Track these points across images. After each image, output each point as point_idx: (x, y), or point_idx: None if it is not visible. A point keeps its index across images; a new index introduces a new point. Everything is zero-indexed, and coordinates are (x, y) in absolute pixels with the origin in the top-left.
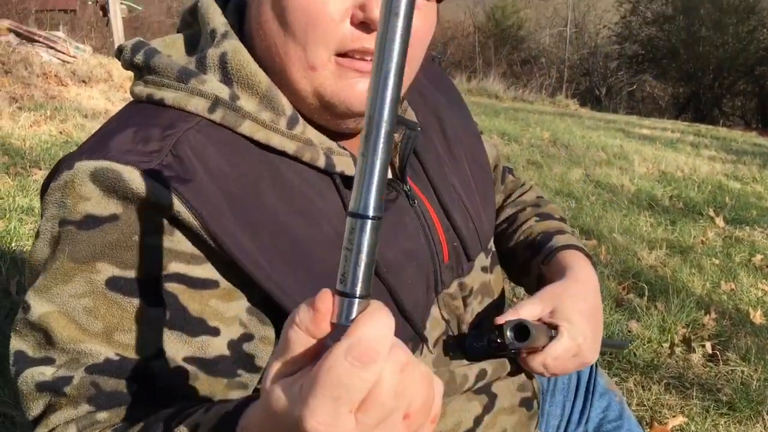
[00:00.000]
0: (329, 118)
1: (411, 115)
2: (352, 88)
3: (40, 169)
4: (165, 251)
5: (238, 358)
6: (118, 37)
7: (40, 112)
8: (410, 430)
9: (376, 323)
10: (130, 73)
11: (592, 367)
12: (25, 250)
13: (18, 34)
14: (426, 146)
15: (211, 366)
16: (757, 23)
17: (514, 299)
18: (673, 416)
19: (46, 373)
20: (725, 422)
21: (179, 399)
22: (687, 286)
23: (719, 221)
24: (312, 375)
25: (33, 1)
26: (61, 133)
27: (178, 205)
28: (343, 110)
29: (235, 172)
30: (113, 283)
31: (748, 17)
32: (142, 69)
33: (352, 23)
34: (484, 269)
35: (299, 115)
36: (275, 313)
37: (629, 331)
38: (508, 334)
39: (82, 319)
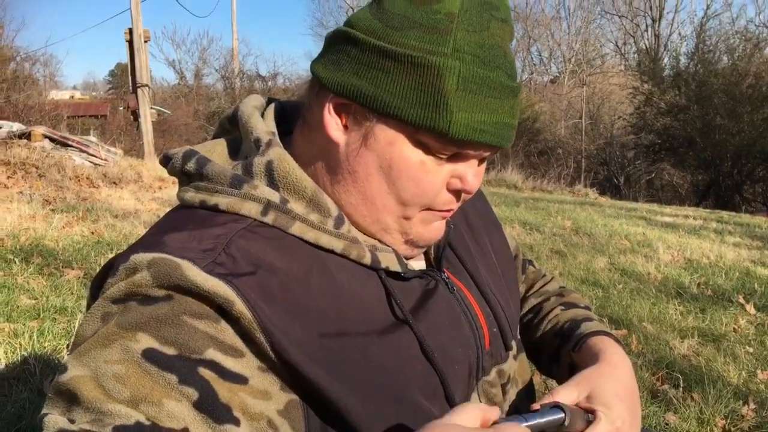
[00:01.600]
0: (402, 247)
1: None
2: (431, 231)
3: (73, 269)
4: (206, 336)
5: None
6: (148, 140)
7: (72, 214)
8: None
9: None
10: (160, 175)
11: None
12: (57, 349)
13: (52, 140)
14: (457, 237)
15: None
16: None
17: (546, 391)
18: None
19: (70, 427)
20: None
21: None
22: (722, 375)
23: (750, 308)
24: None
25: (66, 108)
26: (92, 233)
27: (232, 297)
28: (421, 245)
29: (285, 267)
30: (149, 355)
31: (762, 105)
32: (192, 176)
33: (448, 189)
34: (513, 357)
35: (344, 216)
36: (316, 408)
37: (666, 424)
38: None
39: (110, 384)
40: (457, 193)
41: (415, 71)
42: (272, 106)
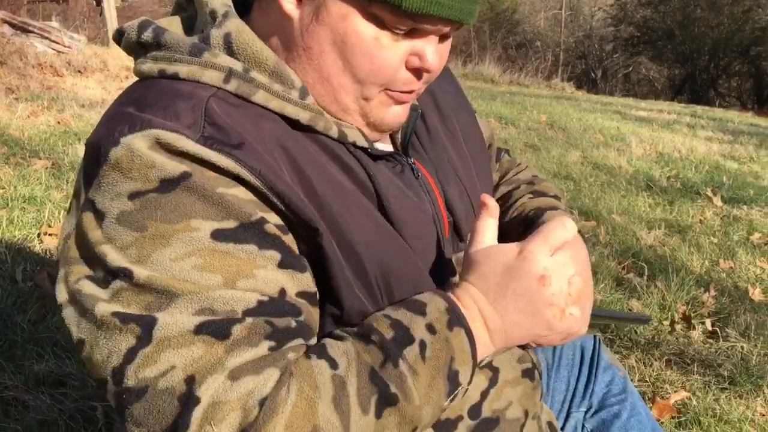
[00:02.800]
0: (365, 129)
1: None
2: (391, 113)
3: (40, 159)
4: (246, 201)
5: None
6: (112, 26)
7: (37, 103)
8: (566, 291)
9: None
10: (127, 64)
11: (595, 342)
12: (28, 238)
13: (12, 25)
14: (424, 124)
15: (313, 299)
16: (752, 3)
17: None
18: (675, 391)
19: (198, 318)
20: (726, 396)
21: (312, 330)
22: (686, 264)
23: (717, 201)
24: None
25: None
26: (59, 123)
27: (237, 168)
28: (382, 129)
29: (264, 135)
30: (219, 235)
31: None
32: (149, 47)
33: (407, 67)
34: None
35: (307, 89)
36: (321, 272)
37: (630, 309)
38: None
39: (195, 277)
40: (417, 72)
41: None
42: None
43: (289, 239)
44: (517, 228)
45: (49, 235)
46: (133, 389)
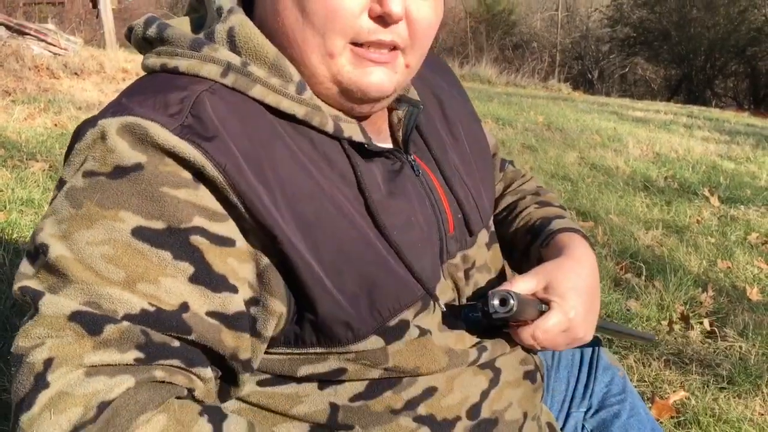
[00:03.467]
0: (345, 102)
1: (414, 95)
2: (368, 76)
3: (37, 161)
4: (189, 205)
5: (249, 318)
6: (109, 28)
7: (33, 105)
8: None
9: None
10: (123, 66)
11: (595, 343)
12: (27, 240)
13: (8, 27)
14: (428, 124)
15: (232, 321)
16: (748, 3)
17: None
18: (674, 391)
19: (78, 306)
20: (725, 396)
21: (209, 354)
22: (684, 264)
23: (714, 201)
24: None
25: None
26: (56, 125)
27: (202, 161)
28: (360, 96)
29: (248, 132)
30: (139, 233)
31: None
32: (154, 42)
33: (370, 16)
34: (486, 245)
35: (307, 84)
36: (289, 277)
37: (628, 310)
38: (494, 302)
39: (100, 266)
40: (381, 21)
41: None
42: None
43: (223, 252)
44: (524, 237)
45: None
46: (14, 355)
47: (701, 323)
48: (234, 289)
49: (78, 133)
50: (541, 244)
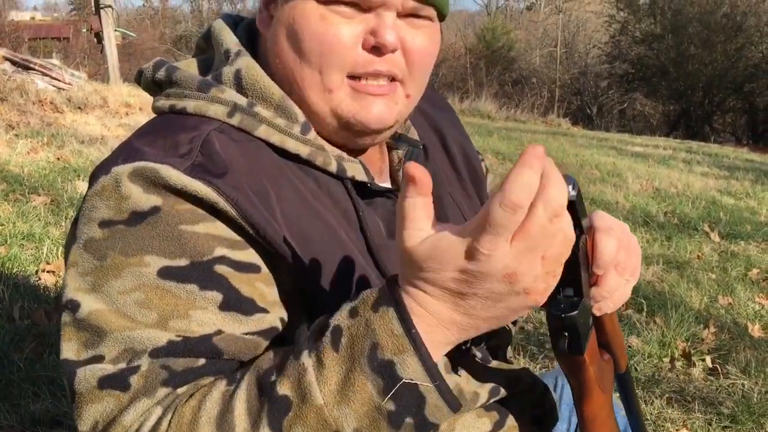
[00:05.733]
0: (347, 136)
1: (414, 134)
2: (368, 109)
3: (39, 195)
4: (209, 237)
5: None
6: (113, 64)
7: (36, 139)
8: (542, 271)
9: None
10: (126, 100)
11: None
12: (27, 275)
13: (13, 63)
14: (428, 163)
15: (270, 335)
16: (744, 41)
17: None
18: (677, 429)
19: (107, 367)
20: None
21: (249, 364)
22: (685, 300)
23: (714, 236)
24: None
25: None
26: (58, 159)
27: (215, 197)
28: (360, 129)
29: (255, 169)
30: (165, 273)
31: (735, 35)
32: (163, 84)
33: (364, 48)
34: None
35: (310, 125)
36: (304, 305)
37: (630, 346)
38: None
39: (134, 312)
40: (376, 51)
41: None
42: (244, 22)
43: (250, 278)
44: None
45: (48, 272)
46: None
47: (703, 360)
48: (265, 311)
49: (90, 179)
50: None
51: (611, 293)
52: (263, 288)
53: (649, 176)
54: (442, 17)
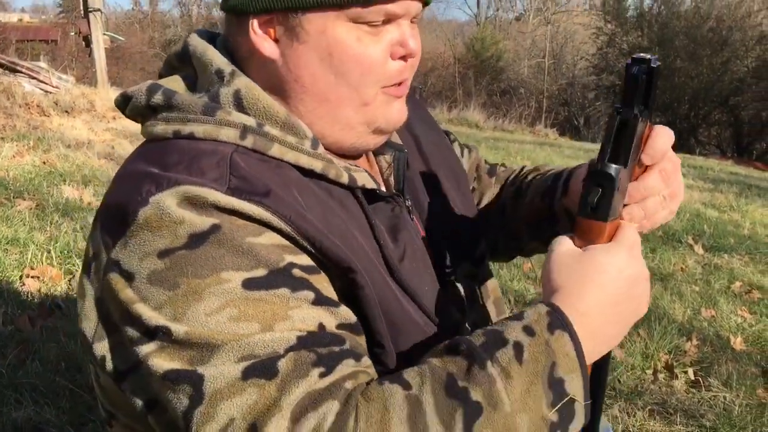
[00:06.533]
0: (369, 138)
1: (396, 138)
2: (395, 111)
3: (24, 200)
4: (275, 247)
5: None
6: (101, 67)
7: (23, 143)
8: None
9: None
10: (113, 104)
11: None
12: (11, 281)
13: (0, 65)
14: (409, 168)
15: (355, 329)
16: (730, 55)
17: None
18: None
19: (243, 364)
20: None
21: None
22: (668, 313)
23: (698, 249)
24: None
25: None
26: (44, 163)
27: (268, 216)
28: (390, 129)
29: (288, 186)
30: (249, 284)
31: (721, 49)
32: (159, 109)
33: (393, 58)
34: (468, 277)
35: (318, 139)
36: (354, 303)
37: (613, 358)
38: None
39: (233, 327)
40: (403, 59)
41: None
42: (220, 39)
43: (320, 278)
44: (540, 202)
45: (32, 277)
46: None
47: (686, 372)
48: (339, 305)
49: (121, 212)
50: (562, 194)
51: (651, 192)
52: (329, 287)
53: None
54: None
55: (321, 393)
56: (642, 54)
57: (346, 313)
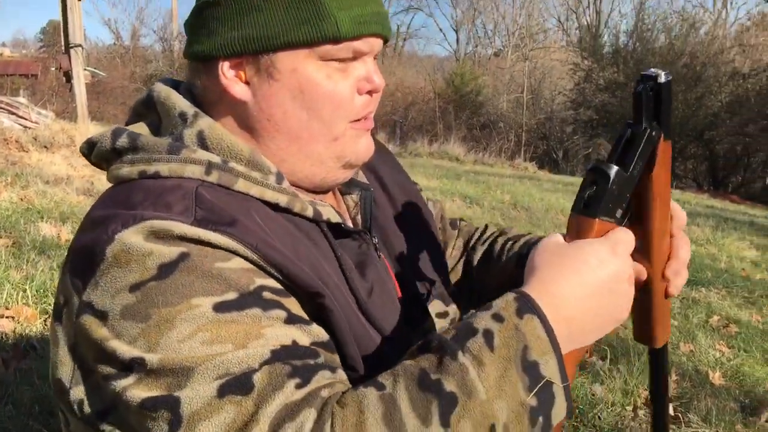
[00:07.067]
0: (339, 173)
1: (362, 177)
2: (362, 144)
3: (0, 237)
4: (244, 271)
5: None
6: (81, 102)
7: (0, 179)
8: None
9: None
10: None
11: None
12: None
13: None
14: (378, 208)
15: (328, 346)
16: (704, 90)
17: None
18: None
19: (218, 383)
20: None
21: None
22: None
23: None
24: None
25: None
26: (22, 200)
27: (234, 245)
28: (358, 163)
29: (254, 217)
30: (221, 307)
31: (695, 85)
32: (124, 152)
33: (360, 93)
34: (439, 315)
35: (283, 174)
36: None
37: (593, 395)
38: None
39: (206, 350)
40: (368, 94)
41: None
42: (183, 86)
43: (290, 300)
44: (514, 269)
45: (6, 317)
46: None
47: None
48: (311, 323)
49: (89, 254)
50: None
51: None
52: (300, 309)
53: None
54: None
55: (298, 403)
56: (653, 70)
57: (319, 331)
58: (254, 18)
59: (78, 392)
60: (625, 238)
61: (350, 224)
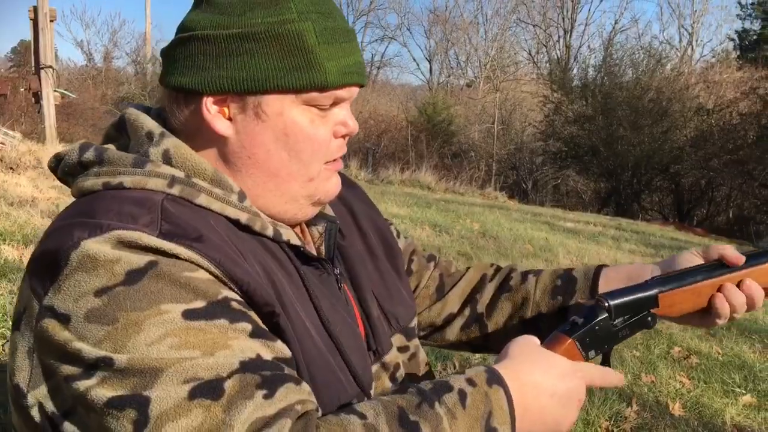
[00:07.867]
0: (309, 209)
1: (329, 210)
2: (332, 183)
3: None
4: (211, 281)
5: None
6: (50, 124)
7: None
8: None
9: None
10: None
11: None
12: None
13: None
14: (345, 242)
15: (289, 363)
16: (670, 125)
17: None
18: None
19: (188, 385)
20: None
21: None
22: None
23: None
24: None
25: None
26: None
27: (198, 259)
28: (326, 200)
29: (218, 232)
30: (189, 314)
31: (661, 119)
32: (91, 165)
33: (336, 137)
34: (400, 349)
35: (245, 193)
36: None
37: None
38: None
39: (175, 354)
40: (343, 138)
41: (277, 43)
42: (154, 110)
43: (253, 314)
44: (551, 302)
45: None
46: None
47: None
48: (276, 339)
49: (52, 259)
50: (592, 284)
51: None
52: (262, 322)
53: (579, 252)
54: None
55: (272, 417)
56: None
57: (282, 348)
58: (246, 60)
59: (36, 395)
60: (591, 371)
61: (314, 252)
